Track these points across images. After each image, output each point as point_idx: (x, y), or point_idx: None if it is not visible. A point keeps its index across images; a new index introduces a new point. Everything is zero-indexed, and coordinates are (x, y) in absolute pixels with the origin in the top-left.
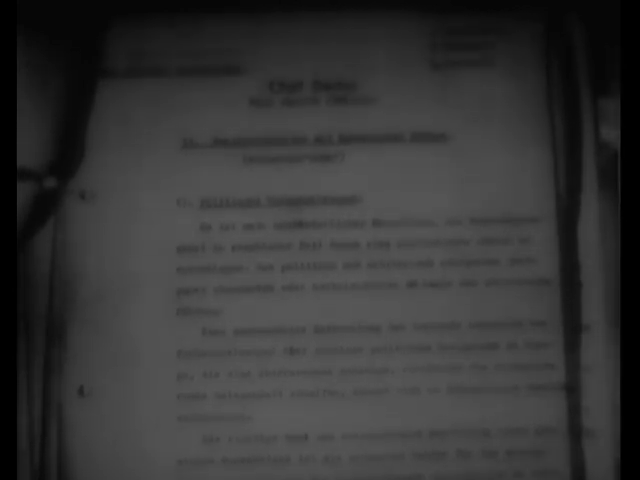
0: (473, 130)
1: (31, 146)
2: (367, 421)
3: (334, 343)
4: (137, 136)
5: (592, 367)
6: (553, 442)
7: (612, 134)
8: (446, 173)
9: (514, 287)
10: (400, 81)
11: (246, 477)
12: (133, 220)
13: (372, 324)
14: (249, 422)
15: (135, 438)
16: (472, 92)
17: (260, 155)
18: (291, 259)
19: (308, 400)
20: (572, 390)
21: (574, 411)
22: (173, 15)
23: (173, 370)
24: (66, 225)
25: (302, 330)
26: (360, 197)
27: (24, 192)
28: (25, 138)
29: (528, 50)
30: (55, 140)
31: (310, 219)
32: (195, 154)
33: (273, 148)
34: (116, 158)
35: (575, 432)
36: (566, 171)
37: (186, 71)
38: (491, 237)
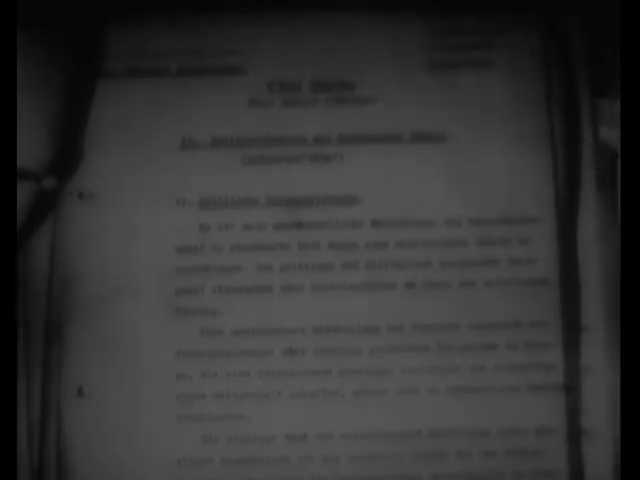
0: (472, 130)
1: (31, 146)
2: (366, 421)
3: (333, 343)
4: (136, 136)
5: (592, 367)
6: (552, 442)
7: (611, 134)
8: (445, 173)
9: (513, 287)
10: (399, 81)
11: (245, 477)
12: (132, 220)
13: (371, 324)
14: (248, 422)
15: (134, 438)
16: (471, 92)
17: (259, 155)
18: (290, 259)
19: (307, 400)
20: (571, 390)
21: (573, 411)
22: (173, 15)
23: (172, 370)
24: (65, 225)
25: (301, 330)
26: (359, 197)
27: (23, 192)
28: (25, 138)
29: (527, 50)
30: (54, 140)
31: (309, 219)
32: (194, 154)
33: (272, 148)
34: (115, 158)
35: (574, 432)
36: (565, 171)
37: (186, 71)
38: (490, 237)
